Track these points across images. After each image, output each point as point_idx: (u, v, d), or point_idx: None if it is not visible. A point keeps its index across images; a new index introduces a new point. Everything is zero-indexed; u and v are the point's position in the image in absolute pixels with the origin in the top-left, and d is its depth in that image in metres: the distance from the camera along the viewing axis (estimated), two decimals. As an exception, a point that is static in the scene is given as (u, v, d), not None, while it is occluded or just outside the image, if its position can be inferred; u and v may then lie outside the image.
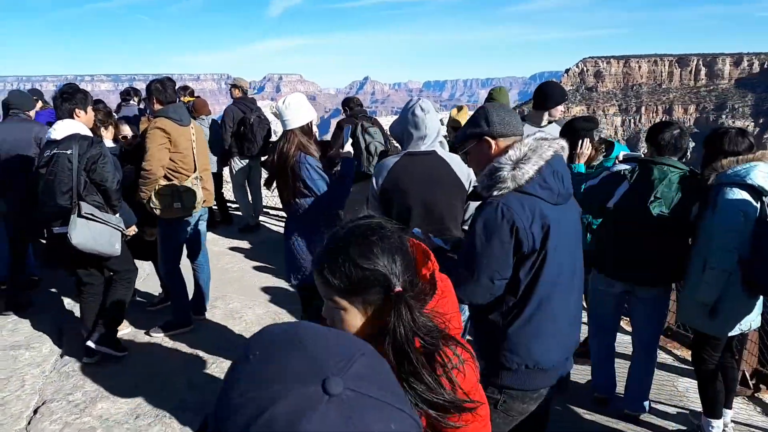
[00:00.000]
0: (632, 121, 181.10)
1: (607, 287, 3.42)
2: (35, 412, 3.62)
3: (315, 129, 3.67)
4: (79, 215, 3.87)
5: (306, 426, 0.59)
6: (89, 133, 4.09)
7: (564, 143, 2.15)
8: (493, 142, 2.13)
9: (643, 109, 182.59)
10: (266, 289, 5.56)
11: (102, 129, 4.72)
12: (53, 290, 5.59)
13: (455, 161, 2.96)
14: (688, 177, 3.12)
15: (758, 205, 2.88)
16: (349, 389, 0.63)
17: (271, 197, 9.09)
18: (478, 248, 2.01)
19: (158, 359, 4.24)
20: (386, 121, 9.63)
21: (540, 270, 2.02)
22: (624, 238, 3.24)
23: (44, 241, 6.10)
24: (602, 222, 3.48)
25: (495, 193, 2.02)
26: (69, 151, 3.85)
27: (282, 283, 5.63)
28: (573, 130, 3.68)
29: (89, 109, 4.29)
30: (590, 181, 3.41)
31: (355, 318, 1.29)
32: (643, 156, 3.32)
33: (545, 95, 4.44)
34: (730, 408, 3.38)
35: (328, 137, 7.39)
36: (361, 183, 4.83)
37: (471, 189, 2.89)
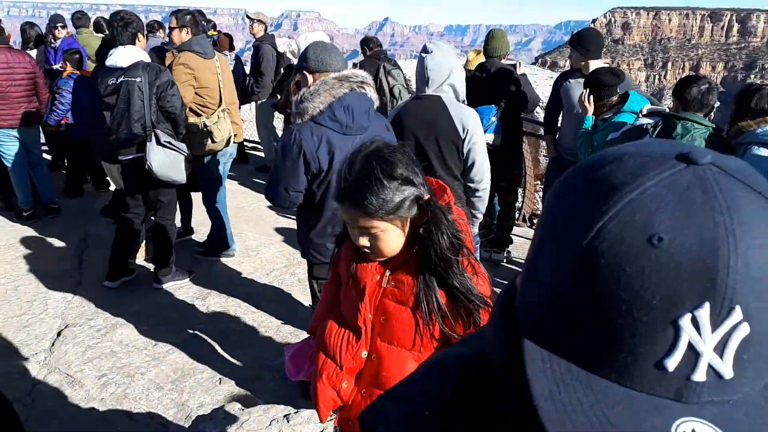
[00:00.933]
0: (657, 77, 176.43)
1: None
2: (58, 334, 3.77)
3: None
4: (158, 143, 3.95)
5: (647, 181, 0.45)
6: (149, 59, 4.14)
7: (366, 79, 2.53)
8: (309, 76, 2.54)
9: (669, 65, 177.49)
10: (281, 230, 5.63)
11: None
12: (72, 219, 5.70)
13: (454, 107, 2.96)
14: (713, 134, 3.07)
15: (785, 167, 2.85)
16: (715, 166, 0.46)
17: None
18: (278, 164, 2.51)
19: (176, 290, 4.36)
20: (405, 64, 9.46)
21: (328, 187, 2.46)
22: None
23: (65, 171, 6.21)
24: None
25: (298, 120, 2.46)
26: (138, 79, 3.92)
27: (292, 225, 5.68)
28: (596, 83, 3.62)
29: (143, 34, 4.27)
30: (612, 134, 3.37)
31: (395, 236, 1.44)
32: (667, 110, 3.27)
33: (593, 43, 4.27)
34: None
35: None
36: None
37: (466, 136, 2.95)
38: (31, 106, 5.33)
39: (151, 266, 4.70)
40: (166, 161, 3.99)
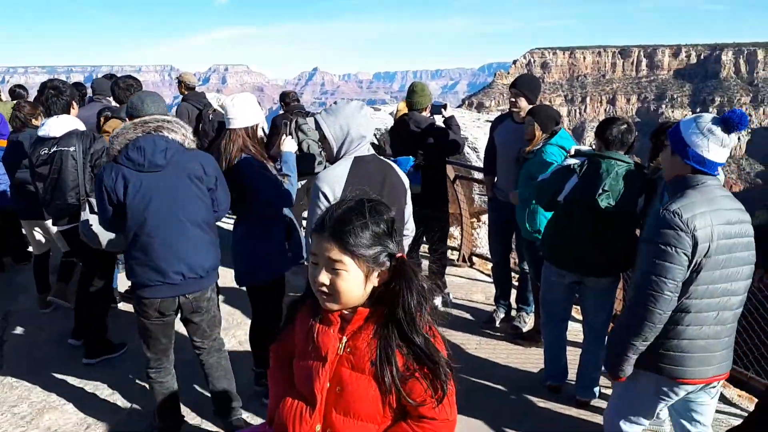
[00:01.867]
0: (578, 111, 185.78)
1: (558, 278, 3.52)
2: (-23, 426, 3.46)
3: (260, 132, 3.59)
4: (92, 212, 3.67)
5: None
6: (83, 128, 4.09)
7: (167, 124, 2.93)
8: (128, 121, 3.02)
9: (588, 99, 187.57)
10: (220, 290, 5.45)
11: (33, 120, 4.59)
12: (-7, 297, 5.34)
13: (394, 165, 2.89)
14: (634, 170, 3.23)
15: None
16: None
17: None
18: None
19: (106, 364, 4.11)
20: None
21: (126, 216, 2.86)
22: (574, 230, 3.33)
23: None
24: (553, 215, 3.56)
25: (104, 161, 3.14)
26: (72, 148, 3.86)
27: (233, 284, 5.53)
28: (543, 118, 3.95)
29: (76, 103, 4.29)
30: (542, 176, 3.50)
31: (356, 282, 1.43)
32: (592, 150, 3.41)
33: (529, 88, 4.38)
34: None
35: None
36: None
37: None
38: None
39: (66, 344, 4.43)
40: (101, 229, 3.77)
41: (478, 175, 6.35)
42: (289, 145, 3.62)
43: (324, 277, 1.43)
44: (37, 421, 3.49)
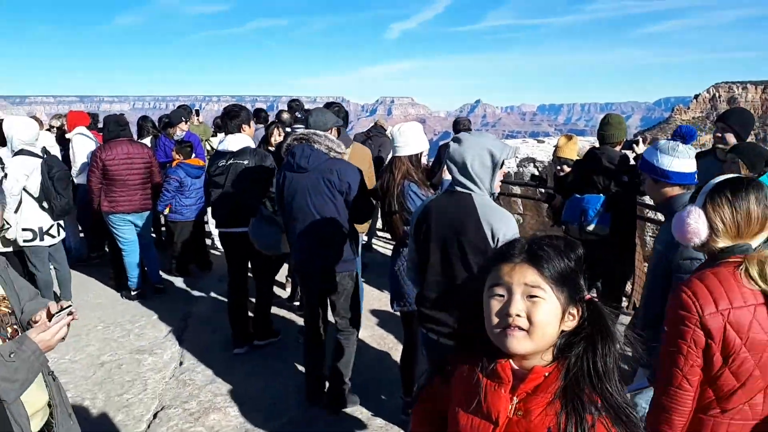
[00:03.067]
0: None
1: None
2: (155, 416, 3.82)
3: (424, 160, 3.70)
4: (261, 217, 4.36)
5: None
6: (254, 145, 4.76)
7: (312, 136, 3.58)
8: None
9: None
10: (374, 312, 5.56)
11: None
12: (176, 299, 5.94)
13: (485, 209, 2.49)
14: None
15: None
16: None
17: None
18: None
19: (269, 373, 4.34)
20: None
21: (282, 206, 3.76)
22: None
23: (172, 253, 6.53)
24: None
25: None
26: (246, 162, 4.45)
27: (387, 307, 5.61)
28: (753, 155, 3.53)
29: (252, 123, 4.92)
30: None
31: (553, 314, 1.26)
32: None
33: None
34: None
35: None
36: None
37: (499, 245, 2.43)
38: (146, 193, 5.73)
39: (244, 349, 4.73)
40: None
41: (651, 215, 5.86)
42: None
43: (519, 306, 1.24)
44: (203, 419, 3.76)
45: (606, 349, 1.25)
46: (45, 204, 4.88)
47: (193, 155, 6.31)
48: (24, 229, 4.88)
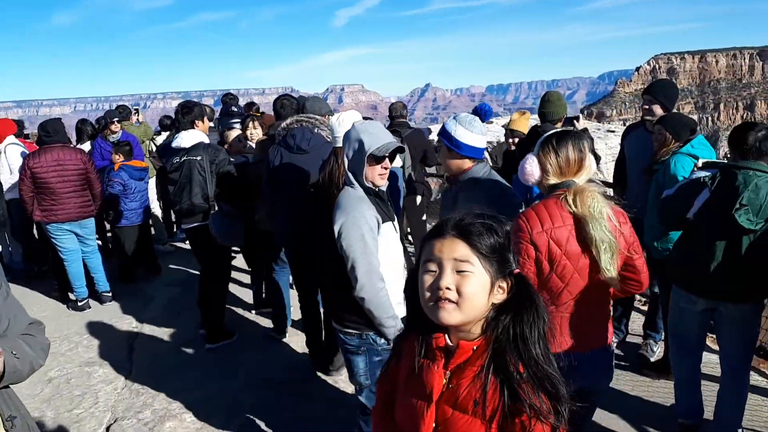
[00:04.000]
0: (710, 118, 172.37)
1: (689, 304, 3.15)
2: (107, 429, 3.70)
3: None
4: (221, 213, 4.45)
5: None
6: (208, 141, 4.73)
7: (314, 120, 3.92)
8: None
9: (721, 106, 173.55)
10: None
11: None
12: (124, 307, 5.77)
13: (340, 201, 2.65)
14: None
15: None
16: None
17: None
18: None
19: (224, 375, 4.27)
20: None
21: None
22: (706, 250, 2.97)
23: (118, 259, 6.34)
24: (682, 233, 3.21)
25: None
26: (199, 157, 4.42)
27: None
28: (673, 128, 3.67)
29: (206, 119, 4.92)
30: (666, 191, 3.17)
31: (481, 286, 1.30)
32: (726, 161, 3.05)
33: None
34: None
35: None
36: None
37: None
38: (84, 200, 5.52)
39: (195, 350, 4.64)
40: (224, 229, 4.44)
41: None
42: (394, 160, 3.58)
43: (449, 280, 1.28)
44: (159, 428, 3.66)
45: (531, 318, 1.30)
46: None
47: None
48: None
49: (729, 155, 3.08)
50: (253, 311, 5.43)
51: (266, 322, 5.14)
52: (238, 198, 4.51)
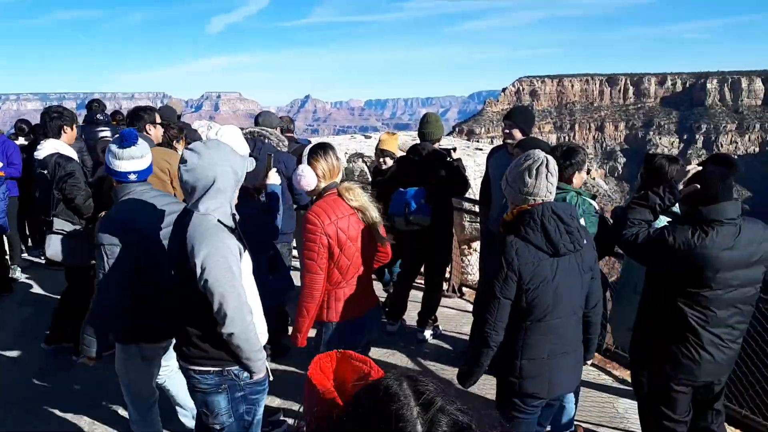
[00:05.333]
0: (567, 138, 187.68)
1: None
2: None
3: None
4: (51, 231, 4.12)
5: None
6: (69, 151, 4.40)
7: (263, 132, 4.44)
8: None
9: (576, 126, 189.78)
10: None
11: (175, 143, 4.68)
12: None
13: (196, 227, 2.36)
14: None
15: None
16: None
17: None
18: None
19: (90, 389, 3.99)
20: (331, 140, 9.51)
21: None
22: None
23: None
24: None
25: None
26: (46, 171, 4.19)
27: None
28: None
29: (74, 126, 4.65)
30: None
31: None
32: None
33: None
34: None
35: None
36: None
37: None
38: None
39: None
40: (58, 247, 4.09)
41: (467, 205, 6.35)
42: (274, 178, 3.58)
43: None
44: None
45: None
46: None
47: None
48: None
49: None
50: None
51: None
52: (78, 213, 4.18)
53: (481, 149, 8.97)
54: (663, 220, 3.00)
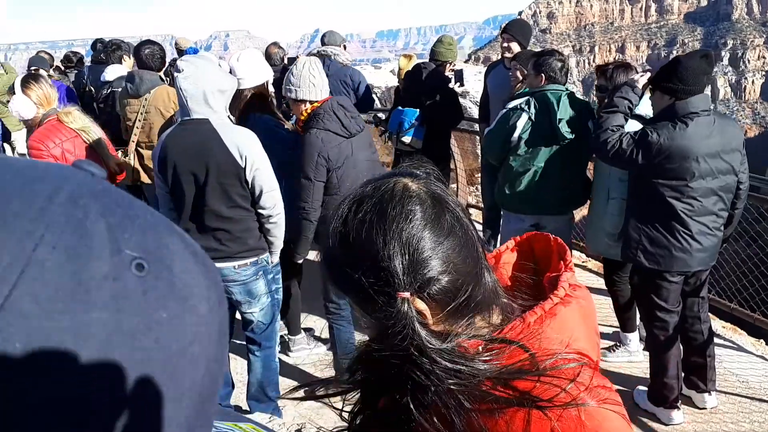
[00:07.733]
0: (586, 61, 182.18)
1: (517, 224, 3.47)
2: None
3: (271, 89, 3.52)
4: None
5: None
6: None
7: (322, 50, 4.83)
8: None
9: (596, 48, 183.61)
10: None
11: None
12: None
13: (226, 131, 2.53)
14: (574, 96, 3.31)
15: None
16: None
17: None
18: None
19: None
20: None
21: None
22: (530, 169, 3.32)
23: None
24: (505, 160, 3.43)
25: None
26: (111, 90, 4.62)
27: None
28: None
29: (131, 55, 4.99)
30: (488, 128, 3.54)
31: None
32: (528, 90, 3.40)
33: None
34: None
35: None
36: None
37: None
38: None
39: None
40: None
41: (467, 126, 6.31)
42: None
43: None
44: None
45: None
46: None
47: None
48: None
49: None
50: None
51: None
52: None
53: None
54: (634, 125, 3.13)
